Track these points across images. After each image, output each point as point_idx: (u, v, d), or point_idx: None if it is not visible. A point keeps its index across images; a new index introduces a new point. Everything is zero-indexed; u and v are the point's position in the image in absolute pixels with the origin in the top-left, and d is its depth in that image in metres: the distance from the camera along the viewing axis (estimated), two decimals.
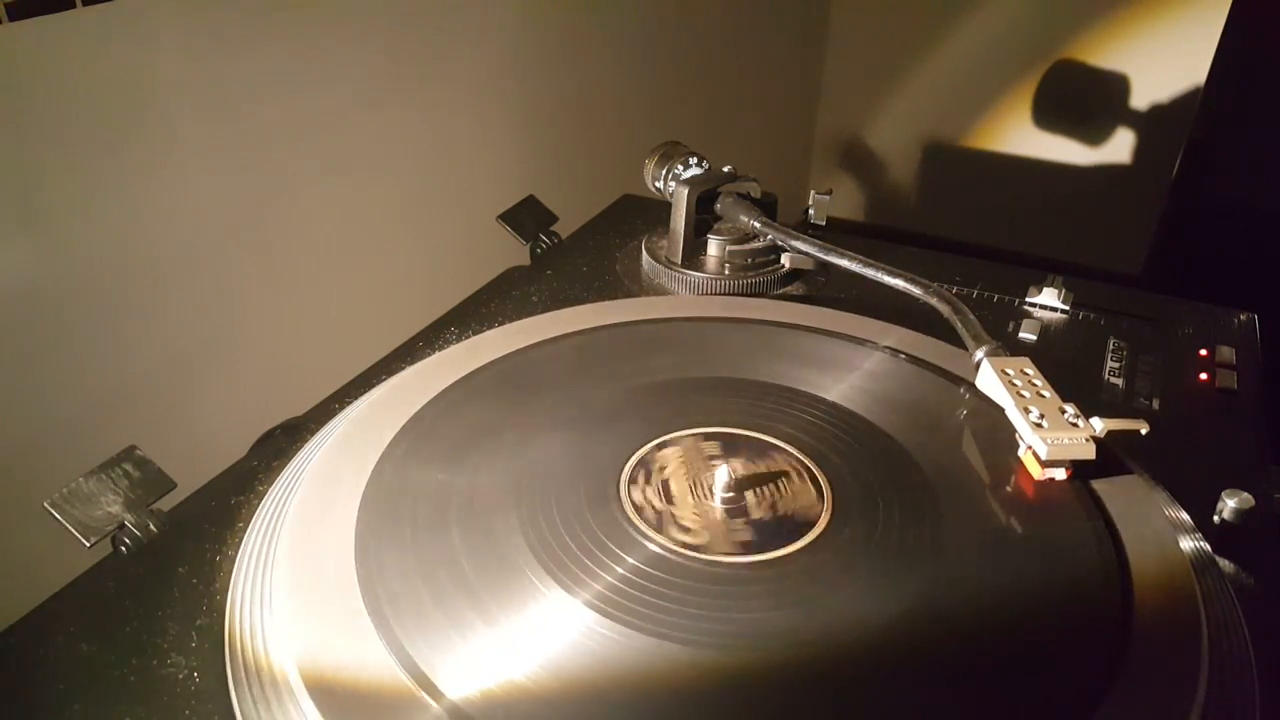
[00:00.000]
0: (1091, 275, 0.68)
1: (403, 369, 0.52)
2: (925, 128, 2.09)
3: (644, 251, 0.67)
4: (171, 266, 0.73)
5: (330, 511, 0.40)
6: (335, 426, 0.48)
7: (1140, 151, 1.90)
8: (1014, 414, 0.45)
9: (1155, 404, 0.54)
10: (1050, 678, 0.34)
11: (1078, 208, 1.99)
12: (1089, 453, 0.42)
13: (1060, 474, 0.43)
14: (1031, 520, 0.42)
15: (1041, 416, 0.44)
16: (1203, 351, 0.59)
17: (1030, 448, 0.43)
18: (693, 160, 0.68)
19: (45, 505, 0.40)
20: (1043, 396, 0.45)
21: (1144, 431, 0.43)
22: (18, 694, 0.35)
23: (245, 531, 0.42)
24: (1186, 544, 0.41)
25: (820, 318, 0.57)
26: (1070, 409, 0.44)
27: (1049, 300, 0.63)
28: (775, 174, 1.94)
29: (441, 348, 0.54)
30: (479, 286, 0.67)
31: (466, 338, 0.55)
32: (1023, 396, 0.45)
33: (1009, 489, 0.43)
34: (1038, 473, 0.43)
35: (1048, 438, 0.42)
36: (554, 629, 0.35)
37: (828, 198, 0.73)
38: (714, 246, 0.64)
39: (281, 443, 0.49)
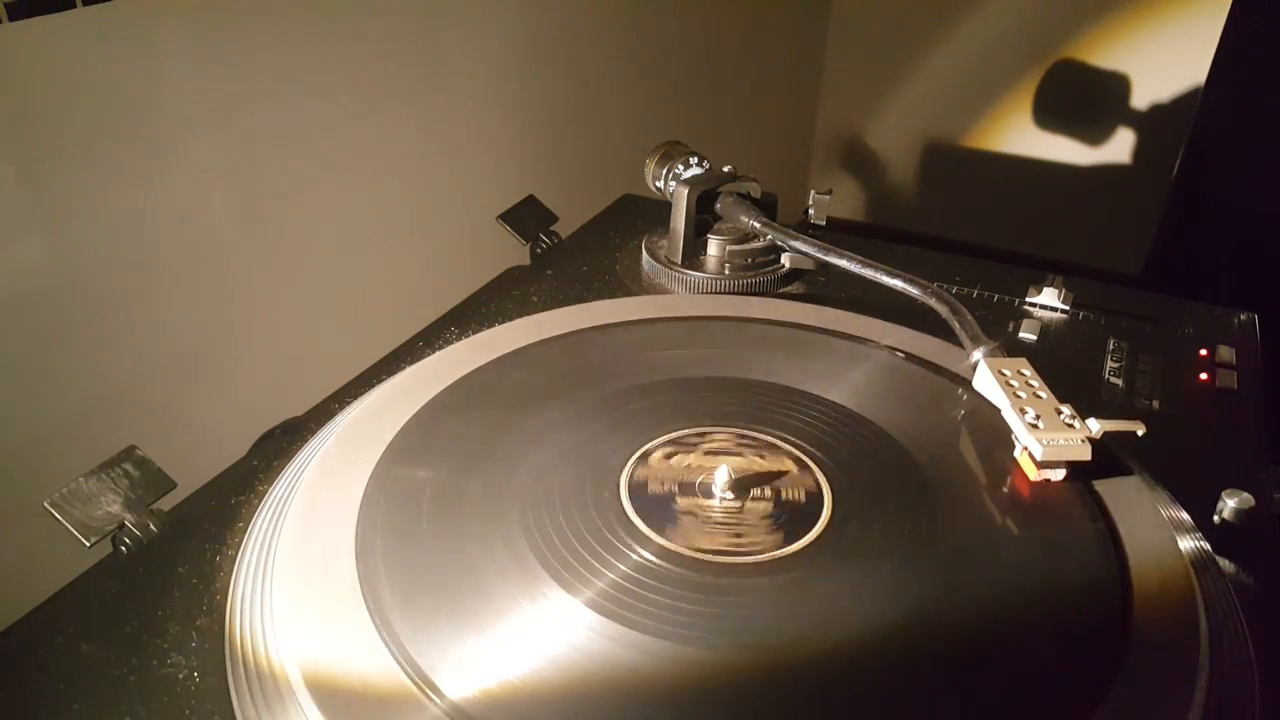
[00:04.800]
0: (1091, 275, 0.68)
1: (403, 369, 0.52)
2: (925, 128, 2.09)
3: (644, 251, 0.67)
4: (172, 266, 0.73)
5: (330, 511, 0.40)
6: (335, 426, 0.48)
7: (1140, 151, 1.90)
8: (1010, 415, 0.45)
9: (1155, 404, 0.54)
10: (1050, 678, 0.34)
11: (1078, 208, 1.99)
12: (1085, 454, 0.42)
13: (1057, 475, 0.43)
14: (1032, 520, 0.42)
15: (1037, 417, 0.44)
16: (1203, 351, 0.59)
17: (1026, 448, 0.43)
18: (693, 160, 0.68)
19: (45, 505, 0.40)
20: (1039, 397, 0.45)
21: (1140, 433, 0.43)
22: (18, 694, 0.35)
23: (245, 531, 0.42)
24: (1186, 544, 0.41)
25: (820, 317, 0.57)
26: (1067, 410, 0.44)
27: (1049, 300, 0.63)
28: (775, 174, 1.94)
29: (441, 347, 0.54)
30: (479, 286, 0.67)
31: (466, 338, 0.55)
32: (1019, 397, 0.45)
33: (1009, 489, 0.43)
34: (1033, 474, 0.43)
35: (1043, 439, 0.42)
36: (554, 629, 0.35)
37: (828, 198, 0.73)
38: (714, 246, 0.64)
39: (281, 443, 0.49)
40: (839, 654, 0.34)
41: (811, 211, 0.74)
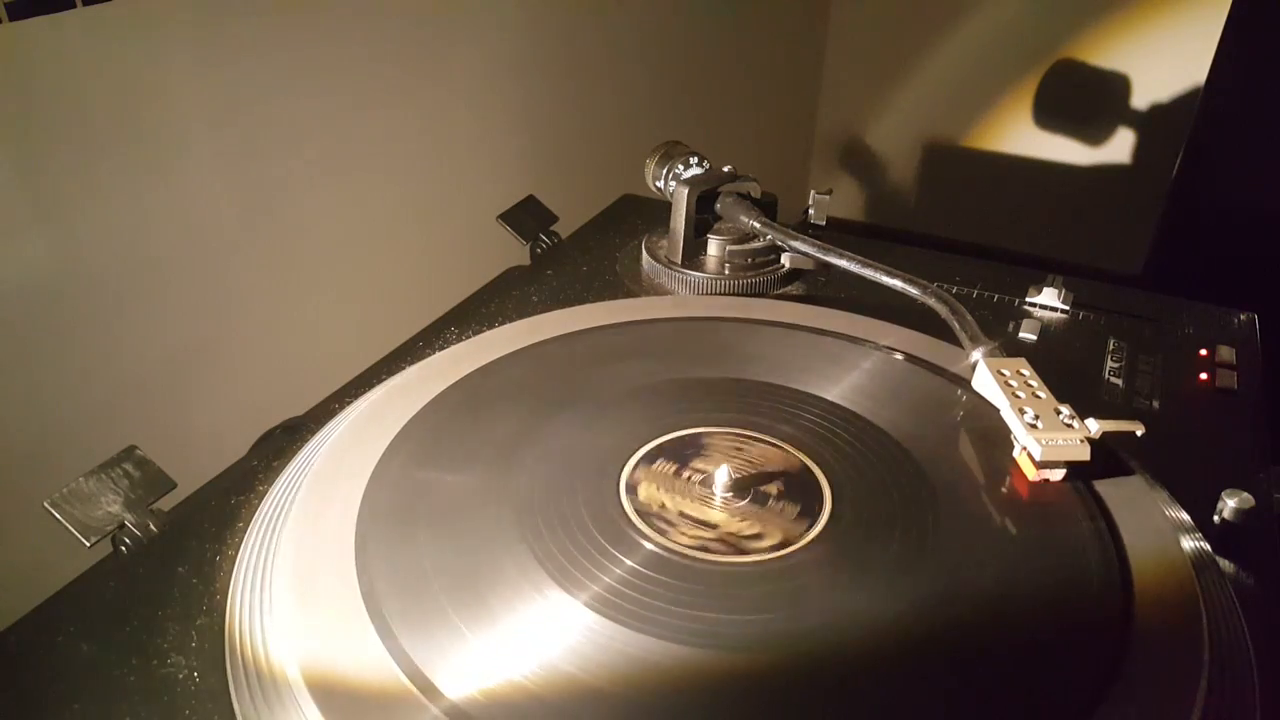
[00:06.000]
0: (1091, 275, 0.68)
1: (403, 368, 0.52)
2: (925, 128, 2.09)
3: (644, 251, 0.67)
4: (172, 266, 0.73)
5: (330, 511, 0.40)
6: (335, 426, 0.48)
7: (1140, 151, 1.90)
8: (1009, 415, 0.45)
9: (1155, 404, 0.54)
10: (1050, 678, 0.34)
11: (1078, 208, 1.99)
12: (1083, 454, 0.42)
13: (1056, 475, 0.43)
14: (1032, 520, 0.42)
15: (1036, 417, 0.44)
16: (1203, 351, 0.59)
17: (1025, 449, 0.43)
18: (693, 160, 0.68)
19: (45, 505, 0.40)
20: (1038, 397, 0.45)
21: (1139, 433, 0.43)
22: (18, 694, 0.35)
23: (245, 531, 0.42)
24: (1186, 544, 0.41)
25: (820, 318, 0.57)
26: (1066, 410, 0.44)
27: (1049, 300, 0.63)
28: (775, 174, 1.94)
29: (441, 347, 0.54)
30: (479, 286, 0.67)
31: (466, 338, 0.55)
32: (1018, 397, 0.45)
33: (1008, 489, 0.43)
34: (1032, 474, 0.43)
35: (1042, 439, 0.42)
36: (554, 629, 0.35)
37: (828, 198, 0.73)
38: (714, 246, 0.64)
39: (281, 443, 0.49)
40: (839, 654, 0.34)
41: (811, 211, 0.74)
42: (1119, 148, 1.91)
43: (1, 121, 0.59)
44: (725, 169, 0.67)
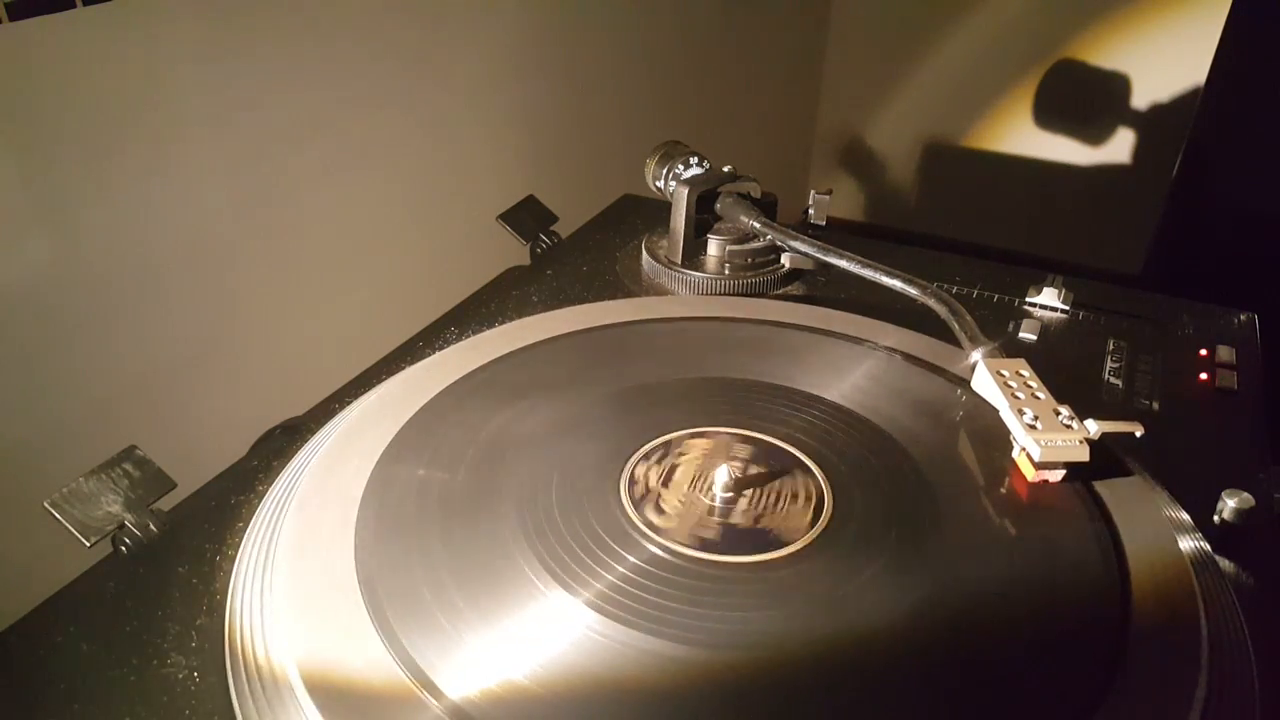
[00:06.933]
0: (1091, 275, 0.68)
1: (403, 369, 0.52)
2: (925, 128, 2.09)
3: (644, 251, 0.67)
4: (172, 266, 0.73)
5: (330, 511, 0.40)
6: (335, 426, 0.48)
7: (1140, 151, 1.90)
8: (1008, 415, 0.45)
9: (1155, 404, 0.54)
10: (1050, 678, 0.34)
11: (1078, 208, 1.99)
12: (1083, 455, 0.42)
13: (1055, 475, 0.43)
14: (1031, 520, 0.42)
15: (1036, 418, 0.44)
16: (1203, 351, 0.59)
17: (1024, 449, 0.43)
18: (693, 160, 0.68)
19: (45, 505, 0.40)
20: (1038, 398, 0.45)
21: (1139, 434, 0.43)
22: (18, 694, 0.35)
23: (245, 531, 0.42)
24: (1186, 544, 0.41)
25: (820, 318, 0.57)
26: (1065, 411, 0.44)
27: (1049, 300, 0.63)
28: (775, 174, 1.94)
29: (441, 347, 0.54)
30: (479, 286, 0.67)
31: (466, 338, 0.55)
32: (1017, 398, 0.45)
33: (1007, 490, 0.43)
34: (1031, 474, 0.43)
35: (1041, 439, 0.42)
36: (554, 629, 0.35)
37: (828, 198, 0.73)
38: (714, 246, 0.64)
39: (281, 443, 0.49)
40: (839, 654, 0.35)
41: (811, 211, 0.74)
42: (1119, 148, 1.91)
43: (2, 121, 0.59)
44: (725, 169, 0.67)
